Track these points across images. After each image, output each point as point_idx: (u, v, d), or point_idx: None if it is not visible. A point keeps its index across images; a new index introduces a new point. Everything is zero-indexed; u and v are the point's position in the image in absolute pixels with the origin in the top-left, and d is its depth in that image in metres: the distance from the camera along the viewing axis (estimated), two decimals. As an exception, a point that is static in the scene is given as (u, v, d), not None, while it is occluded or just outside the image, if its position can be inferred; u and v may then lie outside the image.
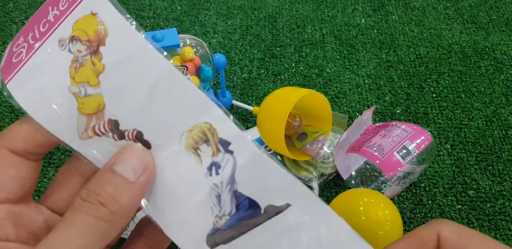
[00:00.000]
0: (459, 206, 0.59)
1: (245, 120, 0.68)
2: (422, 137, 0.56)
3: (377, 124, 0.60)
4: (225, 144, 0.22)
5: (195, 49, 0.54)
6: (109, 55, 0.22)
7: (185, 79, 0.22)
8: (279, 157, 0.62)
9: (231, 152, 0.22)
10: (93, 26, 0.22)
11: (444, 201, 0.59)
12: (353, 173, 0.59)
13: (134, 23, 0.22)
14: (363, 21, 0.85)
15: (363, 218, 0.47)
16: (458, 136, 0.67)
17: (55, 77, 0.23)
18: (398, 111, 0.70)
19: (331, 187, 0.61)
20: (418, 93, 0.73)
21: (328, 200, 0.59)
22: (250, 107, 0.67)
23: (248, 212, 0.22)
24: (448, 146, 0.65)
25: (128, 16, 0.22)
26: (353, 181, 0.58)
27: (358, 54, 0.79)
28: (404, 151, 0.54)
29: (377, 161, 0.53)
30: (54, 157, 0.62)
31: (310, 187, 0.59)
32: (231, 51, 0.78)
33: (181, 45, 0.53)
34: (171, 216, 0.22)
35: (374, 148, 0.54)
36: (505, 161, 0.64)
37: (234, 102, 0.67)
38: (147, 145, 0.22)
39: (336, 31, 0.83)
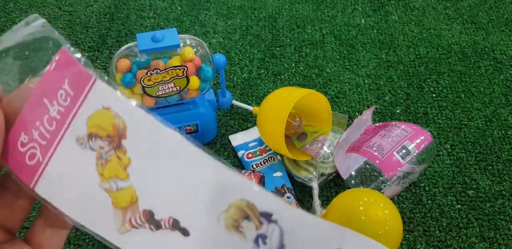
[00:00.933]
0: (458, 206, 0.59)
1: (245, 120, 0.68)
2: (422, 137, 0.56)
3: (376, 124, 0.60)
4: (266, 215, 0.22)
5: (195, 49, 0.54)
6: (133, 147, 0.22)
7: (215, 161, 0.22)
8: (279, 157, 0.62)
9: (275, 222, 0.21)
10: (109, 120, 0.22)
11: (444, 201, 0.59)
12: (353, 173, 0.59)
13: (146, 109, 0.22)
14: (363, 21, 0.85)
15: (362, 218, 0.47)
16: (458, 136, 0.67)
17: (84, 177, 0.23)
18: (397, 111, 0.70)
19: (331, 187, 0.61)
20: (417, 93, 0.73)
21: (328, 200, 0.59)
22: (250, 107, 0.67)
23: None
24: (448, 146, 0.65)
25: (139, 103, 0.22)
26: (353, 181, 0.58)
27: (358, 54, 0.79)
28: (404, 151, 0.54)
29: (377, 161, 0.53)
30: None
31: (310, 187, 0.59)
32: (231, 51, 0.78)
33: (181, 45, 0.53)
34: None
35: (374, 148, 0.54)
36: (504, 161, 0.64)
37: (234, 102, 0.67)
38: (185, 232, 0.22)
39: (336, 31, 0.83)
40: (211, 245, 0.22)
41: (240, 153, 0.63)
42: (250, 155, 0.62)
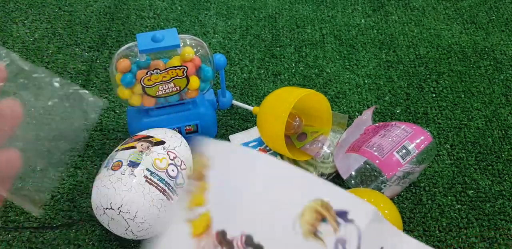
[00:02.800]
0: (458, 206, 0.59)
1: (245, 120, 0.68)
2: (422, 137, 0.56)
3: (376, 124, 0.60)
4: (343, 214, 0.20)
5: (195, 49, 0.54)
6: (214, 172, 0.23)
7: (285, 164, 0.22)
8: (279, 157, 0.62)
9: (351, 221, 0.20)
10: (203, 162, 0.23)
11: (444, 201, 0.59)
12: (353, 173, 0.59)
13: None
14: (363, 21, 0.85)
15: (362, 217, 0.47)
16: (458, 136, 0.67)
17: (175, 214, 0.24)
18: (397, 111, 0.70)
19: (331, 187, 0.61)
20: (417, 93, 0.73)
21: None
22: (250, 107, 0.67)
23: None
24: (448, 146, 0.65)
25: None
26: (352, 181, 0.58)
27: (358, 54, 0.79)
28: (404, 151, 0.54)
29: (377, 161, 0.53)
30: (54, 157, 0.62)
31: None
32: (231, 51, 0.78)
33: (181, 45, 0.53)
34: None
35: (374, 148, 0.54)
36: (504, 161, 0.64)
37: (234, 102, 0.67)
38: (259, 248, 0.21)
39: (336, 31, 0.83)
40: None
41: (240, 153, 0.63)
42: (250, 155, 0.62)
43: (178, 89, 0.55)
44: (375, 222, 0.21)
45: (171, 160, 0.51)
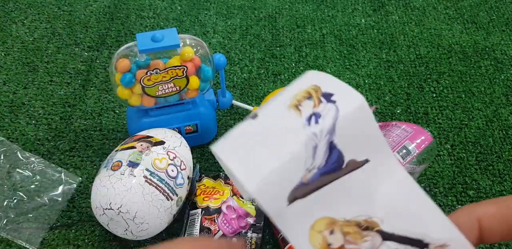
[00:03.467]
0: (459, 206, 0.59)
1: (245, 120, 0.68)
2: (422, 137, 0.56)
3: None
4: (327, 95, 0.21)
5: (195, 49, 0.54)
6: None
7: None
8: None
9: (333, 102, 0.21)
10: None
11: (444, 201, 0.59)
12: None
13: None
14: (363, 21, 0.85)
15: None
16: (458, 136, 0.67)
17: None
18: (398, 111, 0.70)
19: (331, 187, 0.61)
20: (418, 93, 0.72)
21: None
22: (250, 107, 0.66)
23: (333, 166, 0.21)
24: (448, 146, 0.65)
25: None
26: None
27: (358, 54, 0.79)
28: (404, 151, 0.54)
29: (377, 161, 0.53)
30: (53, 157, 0.62)
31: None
32: (231, 51, 0.78)
33: (181, 45, 0.53)
34: (264, 169, 0.21)
35: (374, 148, 0.54)
36: (505, 161, 0.64)
37: (234, 102, 0.67)
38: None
39: (336, 31, 0.83)
40: (269, 121, 0.22)
41: (240, 153, 0.63)
42: (250, 155, 0.62)
43: (178, 89, 0.55)
44: (360, 114, 0.22)
45: (171, 160, 0.51)
